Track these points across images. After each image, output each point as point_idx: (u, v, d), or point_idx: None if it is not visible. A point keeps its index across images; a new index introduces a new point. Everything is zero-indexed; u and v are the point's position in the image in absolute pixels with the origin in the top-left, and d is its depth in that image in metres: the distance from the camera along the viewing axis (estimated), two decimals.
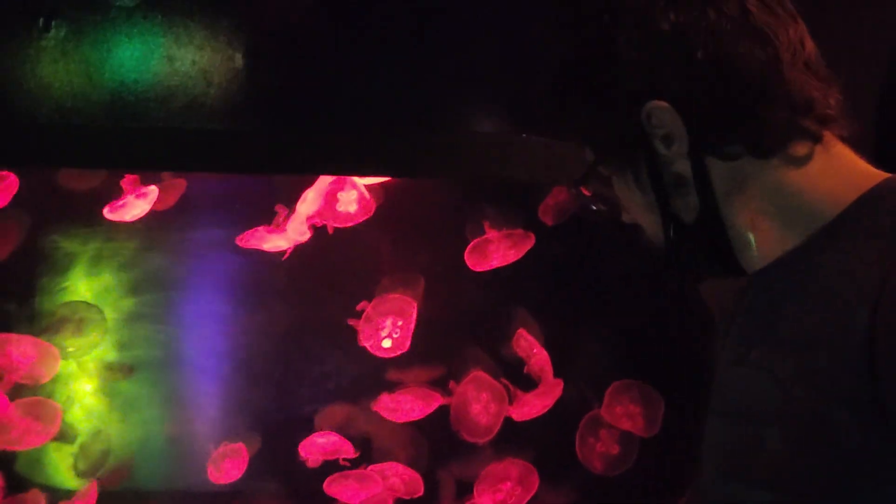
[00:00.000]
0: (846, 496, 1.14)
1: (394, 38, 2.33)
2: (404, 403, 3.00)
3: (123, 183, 2.94)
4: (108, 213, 2.96)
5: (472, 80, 2.33)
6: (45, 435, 2.93)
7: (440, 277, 3.04)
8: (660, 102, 1.21)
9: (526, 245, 2.98)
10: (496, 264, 2.99)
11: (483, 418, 2.99)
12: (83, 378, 3.08)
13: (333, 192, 2.94)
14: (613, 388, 3.01)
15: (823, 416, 1.13)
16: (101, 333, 3.03)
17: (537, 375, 3.00)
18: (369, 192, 2.96)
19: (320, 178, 2.92)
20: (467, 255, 2.98)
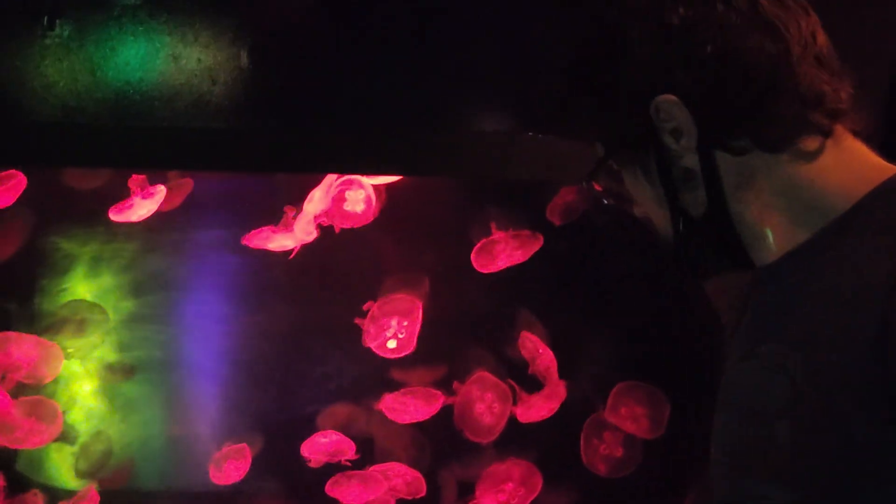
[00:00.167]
0: (856, 491, 1.14)
1: (399, 37, 2.33)
2: (408, 405, 3.00)
3: (130, 183, 2.94)
4: (114, 216, 2.95)
5: (478, 79, 2.33)
6: (47, 435, 2.93)
7: (445, 277, 3.04)
8: (669, 96, 1.21)
9: (533, 246, 2.98)
10: (503, 265, 2.99)
11: (487, 418, 2.98)
12: (85, 379, 3.07)
13: (341, 191, 2.94)
14: (618, 389, 3.01)
15: (833, 411, 1.13)
16: (103, 334, 3.03)
17: (542, 376, 3.00)
18: (374, 193, 2.96)
19: (327, 177, 2.92)
20: (474, 256, 2.98)
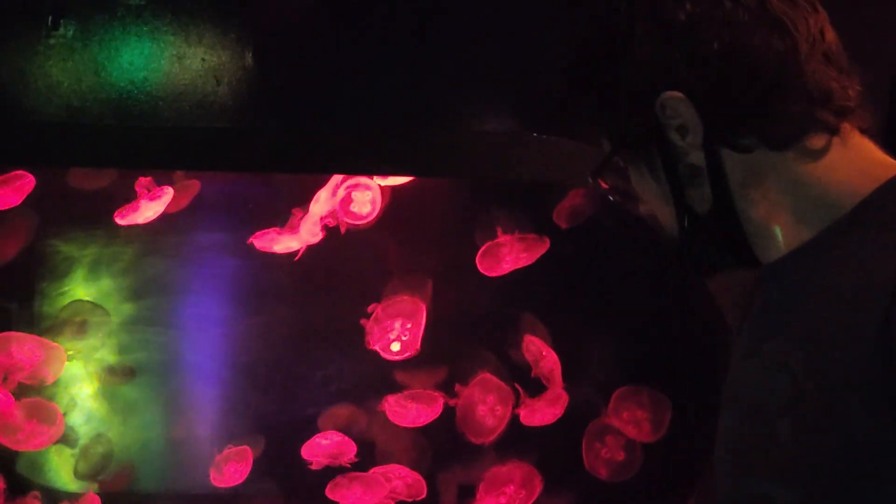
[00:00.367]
0: (856, 490, 1.13)
1: (402, 37, 2.33)
2: (410, 409, 2.99)
3: (137, 186, 2.94)
4: (120, 220, 2.95)
5: (480, 79, 2.33)
6: (48, 437, 2.92)
7: (448, 279, 3.04)
8: (675, 93, 1.21)
9: (539, 249, 2.97)
10: (508, 268, 2.99)
11: (489, 420, 2.98)
12: (85, 381, 3.07)
13: (347, 192, 2.94)
14: (620, 393, 3.01)
15: (836, 409, 1.12)
16: (104, 336, 3.03)
17: (546, 378, 3.00)
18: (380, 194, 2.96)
19: (332, 178, 2.92)
20: (479, 260, 2.98)
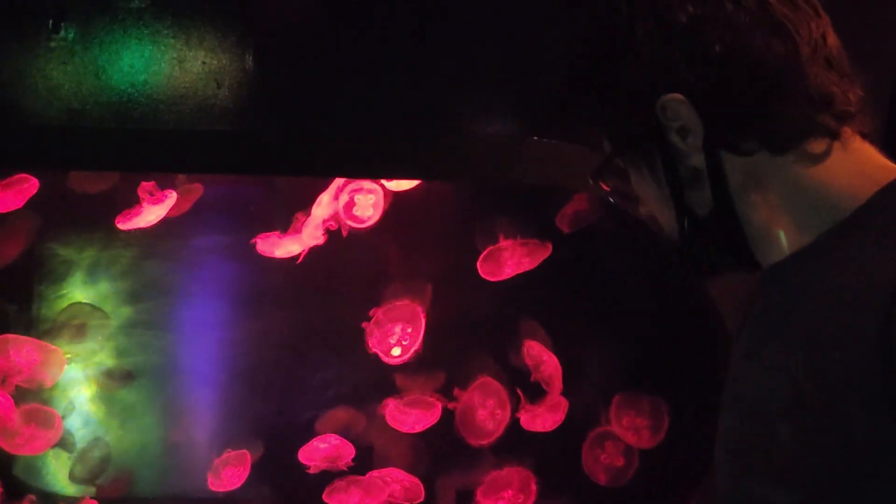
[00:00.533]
0: (857, 491, 1.13)
1: (402, 40, 2.33)
2: (410, 415, 2.99)
3: (140, 190, 2.94)
4: (121, 225, 2.95)
5: (483, 81, 2.33)
6: (46, 441, 2.92)
7: (449, 283, 3.04)
8: (675, 95, 1.21)
9: (541, 254, 2.97)
10: (510, 273, 2.98)
11: (488, 424, 2.98)
12: (83, 384, 3.07)
13: (350, 195, 2.94)
14: (621, 399, 3.01)
15: (834, 411, 1.12)
16: (102, 339, 3.03)
17: (546, 383, 3.00)
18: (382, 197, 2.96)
19: (335, 181, 2.92)
20: (481, 264, 2.98)
